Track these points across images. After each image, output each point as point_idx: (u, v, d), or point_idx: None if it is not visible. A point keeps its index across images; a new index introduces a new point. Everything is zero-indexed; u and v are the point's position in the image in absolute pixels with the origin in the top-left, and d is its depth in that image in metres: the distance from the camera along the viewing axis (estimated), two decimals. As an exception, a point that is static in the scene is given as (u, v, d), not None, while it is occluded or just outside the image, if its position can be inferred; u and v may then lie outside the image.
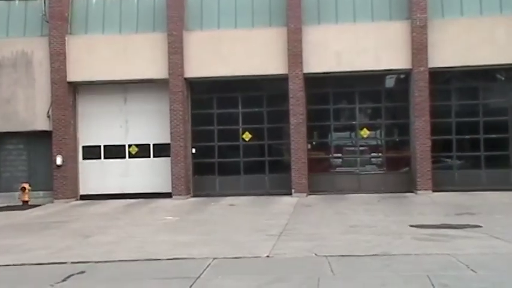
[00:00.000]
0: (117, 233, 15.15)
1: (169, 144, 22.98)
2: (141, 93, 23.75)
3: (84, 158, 24.07)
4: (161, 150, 23.60)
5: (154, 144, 23.79)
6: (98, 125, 23.85)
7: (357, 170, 23.55)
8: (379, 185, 22.85)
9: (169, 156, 23.05)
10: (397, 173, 23.27)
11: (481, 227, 14.15)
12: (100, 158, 24.02)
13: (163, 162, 23.46)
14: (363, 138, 23.65)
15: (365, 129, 23.60)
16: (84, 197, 23.71)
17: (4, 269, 11.13)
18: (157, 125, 23.51)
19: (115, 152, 23.90)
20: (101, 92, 23.85)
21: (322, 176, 23.49)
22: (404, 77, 23.39)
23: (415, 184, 22.07)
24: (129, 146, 23.91)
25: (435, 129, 22.25)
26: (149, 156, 23.84)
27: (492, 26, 22.01)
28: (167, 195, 22.83)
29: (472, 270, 9.62)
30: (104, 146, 23.98)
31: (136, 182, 23.69)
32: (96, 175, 23.93)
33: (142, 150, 23.85)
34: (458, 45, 21.91)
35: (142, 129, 23.68)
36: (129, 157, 23.92)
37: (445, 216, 16.38)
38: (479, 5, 22.40)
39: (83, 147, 24.08)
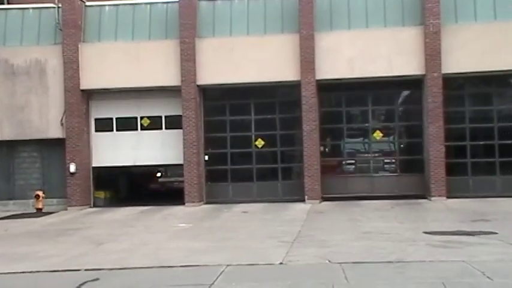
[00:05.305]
0: (131, 240, 15.18)
1: (180, 116, 22.94)
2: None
3: (96, 131, 24.15)
4: (173, 122, 23.62)
5: (166, 116, 23.82)
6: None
7: (370, 177, 23.46)
8: (392, 188, 22.76)
9: (181, 128, 23.05)
10: (410, 179, 23.09)
11: (496, 233, 14.04)
12: (112, 130, 24.09)
13: (175, 134, 23.46)
14: (376, 141, 23.57)
15: (378, 132, 23.54)
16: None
17: (19, 276, 11.18)
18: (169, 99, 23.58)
19: (127, 124, 23.98)
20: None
21: (336, 182, 23.43)
22: (417, 83, 23.26)
23: (429, 190, 21.94)
24: (141, 118, 23.97)
25: (449, 135, 22.14)
26: (161, 128, 23.91)
27: (506, 30, 21.82)
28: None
29: (488, 277, 9.53)
30: (116, 119, 24.04)
31: (148, 154, 23.86)
32: (108, 147, 24.03)
33: (154, 123, 23.91)
34: (471, 51, 21.76)
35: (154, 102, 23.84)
36: (141, 129, 23.98)
37: (460, 223, 16.24)
38: (493, 10, 22.23)
39: (95, 119, 24.13)
